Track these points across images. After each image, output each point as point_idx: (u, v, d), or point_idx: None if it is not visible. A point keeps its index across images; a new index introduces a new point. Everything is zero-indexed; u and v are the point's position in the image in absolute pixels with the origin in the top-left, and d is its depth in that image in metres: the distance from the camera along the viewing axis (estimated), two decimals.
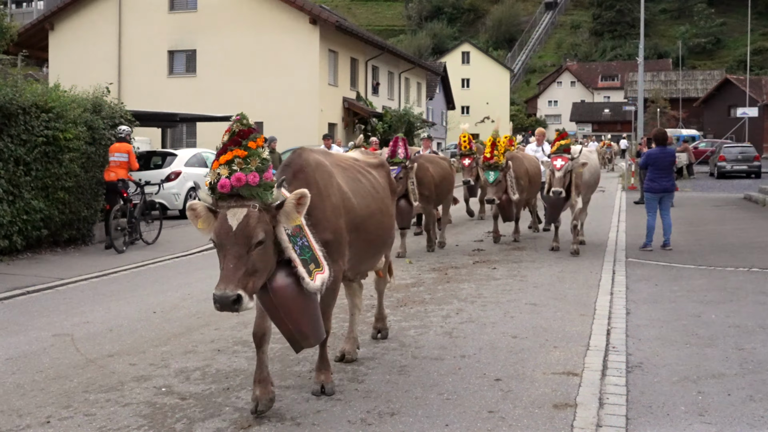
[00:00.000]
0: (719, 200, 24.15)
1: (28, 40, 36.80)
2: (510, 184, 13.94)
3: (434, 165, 13.91)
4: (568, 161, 12.47)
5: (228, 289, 4.59)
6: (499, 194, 13.69)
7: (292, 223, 4.94)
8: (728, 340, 7.41)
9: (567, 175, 12.49)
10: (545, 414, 5.45)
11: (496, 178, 13.63)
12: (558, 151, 12.67)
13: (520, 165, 14.59)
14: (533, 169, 15.26)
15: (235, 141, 4.91)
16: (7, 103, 12.57)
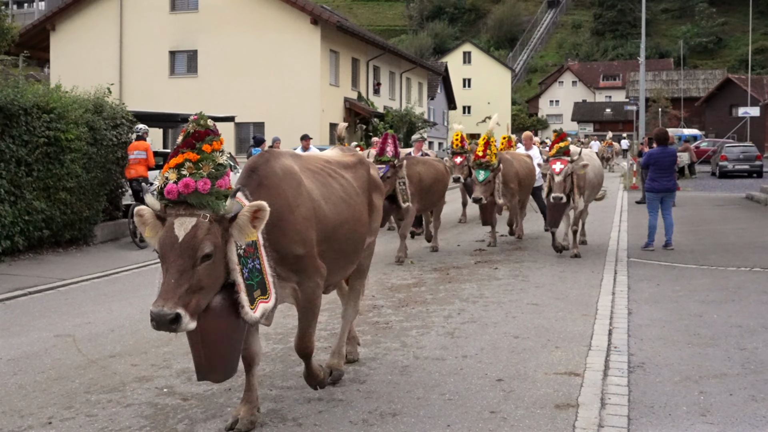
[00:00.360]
0: (721, 200, 24.13)
1: (30, 40, 36.82)
2: (497, 187, 13.46)
3: (426, 166, 13.39)
4: (568, 164, 12.00)
5: (166, 306, 4.13)
6: (486, 194, 13.15)
7: (246, 239, 4.48)
8: (730, 340, 7.40)
9: (567, 179, 12.06)
10: (547, 414, 5.45)
11: (486, 177, 13.10)
12: (557, 154, 12.19)
13: (509, 167, 14.09)
14: (524, 171, 14.78)
15: (189, 143, 4.50)
16: (8, 103, 12.57)
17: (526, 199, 15.63)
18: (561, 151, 12.19)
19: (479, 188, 13.10)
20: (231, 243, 4.46)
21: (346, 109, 37.46)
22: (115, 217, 16.26)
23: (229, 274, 4.49)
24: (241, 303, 4.50)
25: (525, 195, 15.27)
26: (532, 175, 15.06)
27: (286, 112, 33.33)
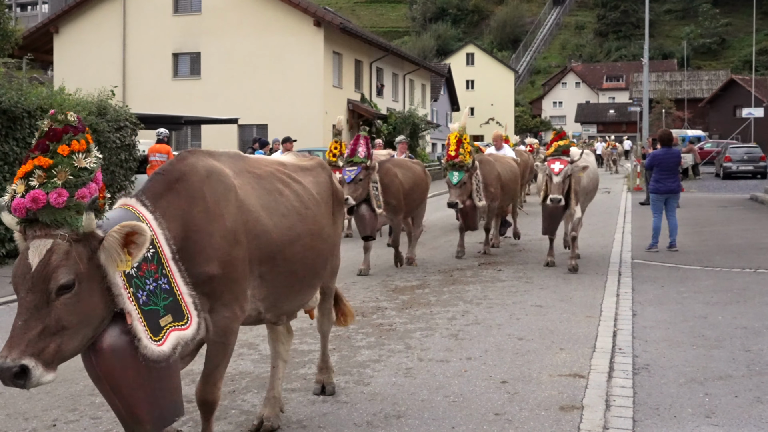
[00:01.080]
0: (725, 201, 24.10)
1: (33, 43, 36.87)
2: (476, 188, 12.42)
3: (404, 170, 12.28)
4: (567, 164, 11.12)
5: (10, 357, 3.23)
6: (463, 198, 12.09)
7: (117, 268, 3.52)
8: (735, 342, 7.39)
9: (566, 181, 11.20)
10: (552, 416, 5.44)
11: (461, 179, 12.01)
12: (556, 153, 11.37)
13: (491, 169, 13.07)
14: (507, 173, 13.77)
15: (41, 145, 3.56)
16: (12, 106, 12.59)
17: (508, 204, 14.73)
18: (560, 150, 11.39)
19: (454, 191, 12.05)
20: (112, 266, 3.54)
21: (349, 111, 37.46)
22: None
23: (116, 303, 3.60)
24: (135, 335, 3.60)
25: (508, 200, 14.28)
26: (516, 178, 14.33)
27: (290, 114, 33.34)
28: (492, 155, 14.44)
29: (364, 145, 11.33)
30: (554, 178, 11.10)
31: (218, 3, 35.42)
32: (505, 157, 14.73)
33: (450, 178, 12.08)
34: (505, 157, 14.63)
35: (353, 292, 10.18)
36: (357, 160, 11.20)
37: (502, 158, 14.31)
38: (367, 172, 11.22)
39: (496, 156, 14.46)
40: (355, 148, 11.32)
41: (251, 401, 5.82)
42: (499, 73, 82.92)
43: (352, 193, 10.88)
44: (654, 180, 13.75)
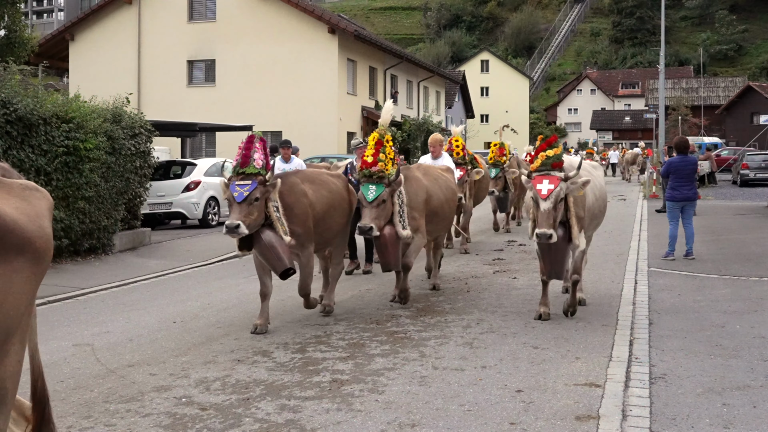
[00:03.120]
0: (742, 209, 23.93)
1: (49, 50, 37.16)
2: (399, 211, 9.12)
3: (317, 186, 8.99)
4: (560, 183, 8.16)
5: None
6: (380, 222, 8.83)
7: None
8: (753, 351, 7.31)
9: (560, 205, 8.22)
10: (568, 426, 5.39)
11: (378, 196, 8.83)
12: (543, 168, 8.35)
13: (418, 186, 9.63)
14: (444, 192, 10.29)
15: None
16: (28, 113, 12.64)
17: (443, 233, 11.46)
18: (549, 162, 8.35)
19: (368, 212, 8.81)
20: None
21: (363, 118, 37.50)
22: (134, 227, 16.30)
23: None
24: None
25: (443, 227, 10.79)
26: (453, 198, 10.71)
27: (304, 121, 33.42)
28: (423, 167, 10.89)
29: (261, 150, 8.26)
30: (542, 203, 8.09)
31: (233, 10, 35.57)
32: (437, 169, 11.03)
33: (363, 193, 8.93)
34: (437, 170, 10.88)
35: (367, 300, 10.16)
36: (251, 172, 8.06)
37: (434, 172, 10.63)
38: (265, 188, 8.07)
39: (428, 169, 10.78)
40: (248, 155, 8.18)
41: (265, 409, 5.80)
42: (514, 80, 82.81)
43: (245, 217, 7.82)
44: (670, 187, 13.67)
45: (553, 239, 7.97)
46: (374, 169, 8.99)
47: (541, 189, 8.13)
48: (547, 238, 7.93)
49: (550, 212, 8.05)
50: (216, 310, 9.64)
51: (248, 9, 35.38)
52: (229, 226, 7.77)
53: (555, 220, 8.11)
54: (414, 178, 9.74)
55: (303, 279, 8.74)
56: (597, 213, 9.50)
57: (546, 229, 7.96)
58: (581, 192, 8.38)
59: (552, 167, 8.31)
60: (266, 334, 8.19)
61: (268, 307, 8.49)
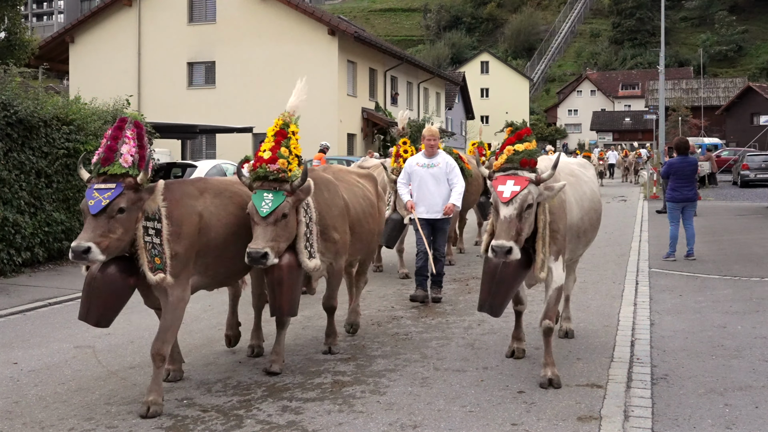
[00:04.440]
0: (743, 209, 23.93)
1: (49, 53, 37.16)
2: (305, 232, 6.62)
3: (220, 199, 6.57)
4: (528, 185, 6.16)
5: None
6: (278, 246, 6.32)
7: None
8: (755, 352, 7.31)
9: (527, 213, 6.16)
10: (569, 427, 5.39)
11: (276, 208, 6.31)
12: (510, 166, 6.37)
13: (333, 193, 7.30)
14: (363, 204, 7.90)
15: None
16: (28, 116, 12.64)
17: (368, 260, 8.73)
18: (517, 159, 6.38)
19: (262, 231, 6.27)
20: None
21: (363, 120, 37.50)
22: None
23: None
24: None
25: (362, 248, 8.05)
26: (372, 212, 8.13)
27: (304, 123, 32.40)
28: (333, 170, 8.20)
29: (133, 140, 5.88)
30: (503, 209, 6.13)
31: (233, 12, 35.58)
32: (355, 177, 8.31)
33: (255, 204, 6.35)
34: (352, 176, 8.28)
35: (368, 301, 10.15)
36: (116, 172, 5.72)
37: (348, 177, 8.11)
38: (137, 195, 5.71)
39: (339, 172, 8.11)
40: (114, 147, 5.79)
41: (267, 410, 5.79)
42: (514, 81, 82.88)
43: (101, 237, 5.50)
44: (671, 188, 13.67)
45: (514, 256, 5.93)
46: (272, 168, 6.44)
47: (503, 191, 6.14)
48: (505, 252, 5.90)
49: (513, 221, 6.03)
50: (217, 312, 9.62)
51: (248, 11, 35.38)
52: (75, 250, 5.37)
53: (520, 232, 6.06)
54: (326, 182, 7.27)
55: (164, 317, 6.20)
56: (587, 228, 7.29)
57: (505, 240, 5.93)
58: (553, 200, 6.36)
59: (521, 165, 6.30)
60: (267, 335, 8.17)
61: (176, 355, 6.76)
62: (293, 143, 6.81)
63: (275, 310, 6.57)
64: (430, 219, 9.87)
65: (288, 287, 6.50)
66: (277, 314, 6.65)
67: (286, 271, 6.43)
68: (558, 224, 6.49)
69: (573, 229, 6.86)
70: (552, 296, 6.57)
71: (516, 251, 5.93)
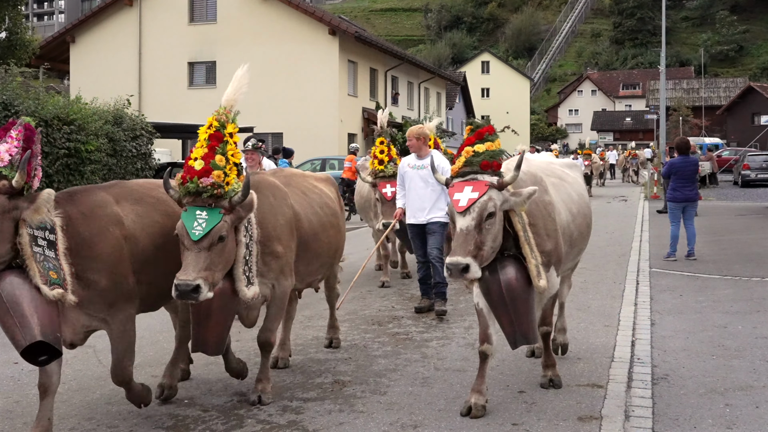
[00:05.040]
0: (744, 209, 23.93)
1: (50, 52, 37.17)
2: (244, 258, 5.50)
3: (135, 204, 5.67)
4: (488, 191, 5.38)
5: None
6: (213, 276, 5.19)
7: None
8: (756, 352, 7.30)
9: (489, 223, 5.32)
10: (570, 427, 5.39)
11: (213, 228, 5.18)
12: (468, 170, 5.57)
13: (278, 205, 6.10)
14: (320, 213, 6.76)
15: None
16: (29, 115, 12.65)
17: (318, 278, 7.21)
18: (477, 162, 5.56)
19: (193, 258, 5.13)
20: None
21: (364, 119, 37.50)
22: None
23: None
24: None
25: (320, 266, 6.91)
26: (335, 223, 7.04)
27: (305, 123, 33.43)
28: (285, 174, 7.00)
29: (16, 141, 4.89)
30: (459, 219, 5.33)
31: (234, 12, 35.60)
32: (312, 182, 7.16)
33: (186, 226, 5.20)
34: (309, 181, 7.16)
35: (368, 301, 10.16)
36: None
37: (303, 182, 6.95)
38: (12, 203, 4.75)
39: (292, 177, 6.94)
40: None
41: (267, 410, 5.79)
42: (515, 81, 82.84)
43: None
44: (671, 188, 13.66)
45: (472, 275, 5.16)
46: (205, 183, 5.26)
47: (459, 199, 5.32)
48: (460, 271, 5.11)
49: (471, 233, 5.22)
50: None
51: (249, 11, 35.40)
52: None
53: (480, 246, 5.24)
54: (272, 187, 6.18)
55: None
56: (576, 237, 6.43)
57: (460, 256, 5.12)
58: (523, 207, 5.45)
59: (481, 168, 5.47)
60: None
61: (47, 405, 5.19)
62: (231, 149, 5.56)
63: (198, 345, 5.57)
64: (418, 224, 9.24)
65: (217, 321, 5.50)
66: (199, 351, 5.62)
67: (216, 301, 5.30)
68: (544, 226, 5.75)
69: (564, 234, 6.06)
70: (548, 303, 6.32)
71: (474, 269, 5.15)
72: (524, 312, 5.55)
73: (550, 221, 5.82)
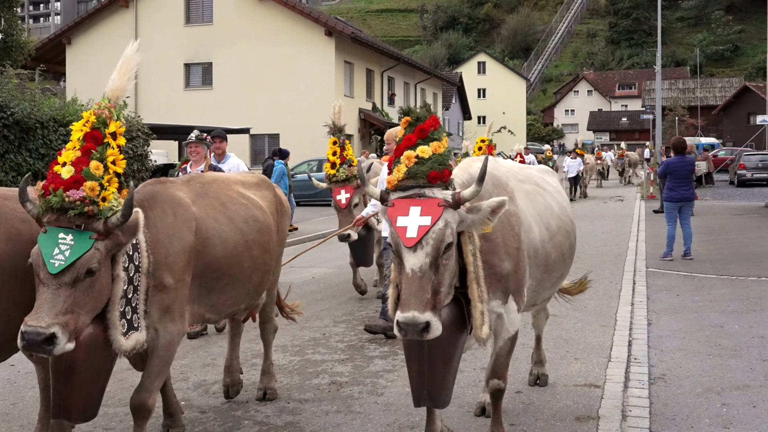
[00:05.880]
0: (740, 209, 23.96)
1: (46, 54, 37.13)
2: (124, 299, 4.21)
3: None
4: (444, 213, 3.97)
5: None
6: (75, 321, 3.86)
7: None
8: (752, 351, 7.31)
9: (446, 257, 3.97)
10: (567, 427, 5.39)
11: (77, 258, 3.85)
12: (412, 182, 4.09)
13: (177, 226, 4.74)
14: (242, 228, 5.31)
15: None
16: (25, 117, 12.64)
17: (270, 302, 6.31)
18: (422, 173, 4.07)
19: (49, 296, 3.83)
20: None
21: (360, 120, 37.50)
22: None
23: None
24: None
25: (245, 294, 5.48)
26: (266, 240, 5.58)
27: (301, 124, 33.41)
28: (198, 180, 5.49)
29: None
30: (408, 258, 3.92)
31: (230, 13, 35.59)
32: (238, 190, 5.66)
33: (44, 255, 3.88)
34: (235, 188, 5.66)
35: (365, 302, 10.15)
36: None
37: (225, 192, 5.49)
38: None
39: (210, 185, 5.48)
40: None
41: (265, 412, 5.79)
42: (511, 81, 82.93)
43: None
44: (668, 188, 13.68)
45: (433, 333, 3.81)
46: (74, 196, 3.97)
47: (406, 227, 3.92)
48: (420, 330, 3.78)
49: (426, 275, 3.86)
50: None
51: (245, 12, 35.39)
52: None
53: (438, 290, 3.91)
54: (170, 203, 4.82)
55: None
56: (554, 260, 5.16)
57: (417, 311, 3.77)
58: (488, 227, 4.11)
59: (429, 181, 4.04)
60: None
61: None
62: (113, 154, 4.28)
63: (59, 411, 4.15)
64: None
65: (83, 380, 4.13)
66: (61, 418, 4.19)
67: (81, 354, 4.00)
68: (504, 242, 4.45)
69: (538, 261, 4.89)
70: (503, 348, 4.84)
71: (436, 326, 3.80)
72: (441, 366, 4.22)
73: (511, 237, 4.51)
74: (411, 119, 4.26)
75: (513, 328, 4.73)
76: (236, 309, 5.59)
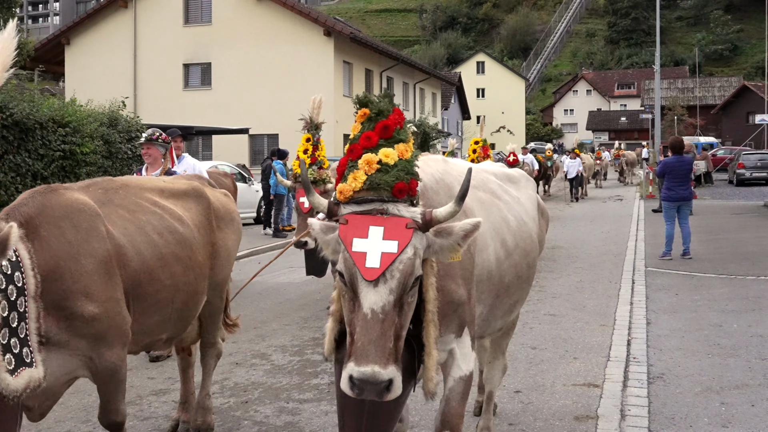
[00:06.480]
0: (739, 208, 23.97)
1: (45, 55, 37.07)
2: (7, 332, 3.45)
3: None
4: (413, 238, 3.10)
5: None
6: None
7: None
8: (751, 350, 7.32)
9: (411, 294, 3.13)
10: (566, 426, 5.40)
11: None
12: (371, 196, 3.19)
13: (82, 241, 3.91)
14: (168, 241, 4.57)
15: None
16: (24, 118, 12.64)
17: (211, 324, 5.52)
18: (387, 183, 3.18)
19: None
20: None
21: None
22: None
23: None
24: None
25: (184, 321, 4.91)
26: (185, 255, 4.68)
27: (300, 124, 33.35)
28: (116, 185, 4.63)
29: None
30: (368, 296, 3.02)
31: (229, 13, 35.56)
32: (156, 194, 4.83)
33: None
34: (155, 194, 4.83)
35: None
36: None
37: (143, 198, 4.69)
38: None
39: (128, 190, 4.64)
40: None
41: (264, 412, 5.79)
42: (510, 81, 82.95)
43: None
44: (666, 188, 13.69)
45: (394, 393, 3.03)
46: None
47: (366, 254, 3.07)
48: (380, 390, 2.98)
49: (389, 318, 3.03)
50: None
51: (244, 12, 35.36)
52: None
53: (399, 335, 3.10)
54: (69, 212, 3.98)
55: None
56: (509, 282, 4.26)
57: (377, 365, 2.95)
58: (459, 255, 3.28)
59: (394, 195, 3.20)
60: (265, 336, 8.17)
61: None
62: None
63: None
64: None
65: None
66: None
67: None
68: (461, 265, 3.62)
69: (490, 279, 4.01)
70: (454, 390, 3.86)
71: (398, 384, 3.02)
72: (384, 423, 3.54)
73: (467, 257, 3.66)
74: (371, 112, 3.34)
75: (467, 366, 3.79)
76: (154, 339, 4.72)
